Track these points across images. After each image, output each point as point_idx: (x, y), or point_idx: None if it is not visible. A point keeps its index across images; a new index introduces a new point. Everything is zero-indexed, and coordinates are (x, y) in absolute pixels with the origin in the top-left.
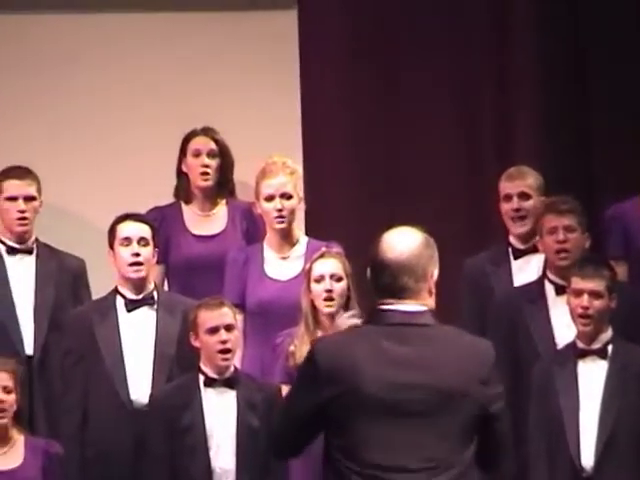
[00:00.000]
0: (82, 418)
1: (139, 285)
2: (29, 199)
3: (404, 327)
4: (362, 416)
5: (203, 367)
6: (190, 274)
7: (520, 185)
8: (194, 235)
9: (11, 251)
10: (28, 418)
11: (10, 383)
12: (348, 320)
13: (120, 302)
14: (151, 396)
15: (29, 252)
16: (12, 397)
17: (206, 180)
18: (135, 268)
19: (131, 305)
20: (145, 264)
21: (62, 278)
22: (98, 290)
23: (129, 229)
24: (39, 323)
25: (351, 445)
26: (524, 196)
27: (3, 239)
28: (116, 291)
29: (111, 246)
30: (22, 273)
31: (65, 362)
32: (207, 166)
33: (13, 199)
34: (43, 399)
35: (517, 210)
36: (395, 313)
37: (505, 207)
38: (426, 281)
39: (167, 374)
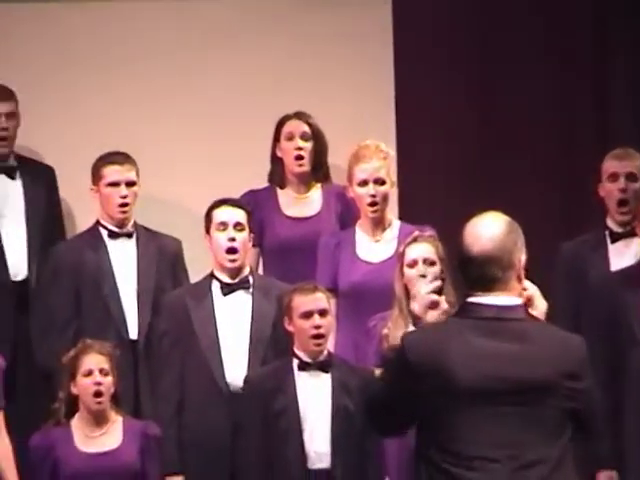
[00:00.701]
0: (179, 401)
1: (235, 269)
2: (130, 184)
3: (495, 321)
4: (454, 409)
5: (297, 351)
6: (285, 256)
7: (628, 165)
8: (288, 217)
9: (112, 235)
10: (134, 402)
11: (107, 366)
12: (427, 288)
13: (216, 286)
14: (246, 379)
15: (129, 236)
16: (109, 379)
17: (301, 165)
18: (231, 257)
19: (227, 289)
20: (241, 249)
21: (162, 260)
22: (194, 275)
23: (225, 214)
24: (142, 306)
25: (444, 438)
26: (631, 177)
27: (104, 223)
28: (212, 275)
29: (207, 231)
30: (124, 257)
31: (162, 345)
32: (301, 149)
33: (115, 185)
34: (147, 383)
35: (623, 190)
36: (486, 307)
37: (610, 187)
38: (513, 269)
39: (262, 357)
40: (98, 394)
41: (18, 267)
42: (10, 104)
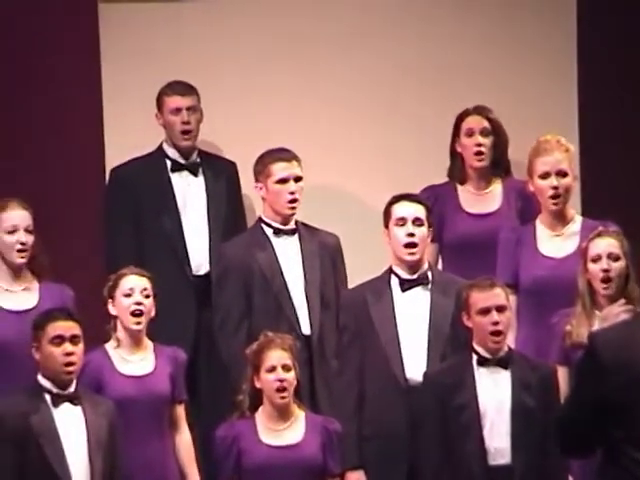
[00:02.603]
0: (359, 396)
1: (414, 265)
2: (297, 180)
3: None
4: None
5: (476, 347)
6: (464, 253)
7: None
8: (468, 213)
9: (277, 232)
10: (310, 397)
11: (289, 361)
12: (618, 310)
13: (395, 282)
14: (425, 375)
15: (292, 233)
16: (292, 375)
17: (480, 160)
18: (410, 251)
19: (406, 285)
20: (420, 244)
21: (324, 256)
22: (371, 270)
23: (404, 209)
24: (311, 302)
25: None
26: None
27: (268, 221)
28: (391, 271)
29: (386, 226)
30: (289, 254)
31: (341, 340)
32: (481, 145)
33: (284, 181)
34: (323, 377)
35: None
36: None
37: None
38: None
39: (441, 353)
40: (281, 390)
41: (200, 262)
42: (192, 98)
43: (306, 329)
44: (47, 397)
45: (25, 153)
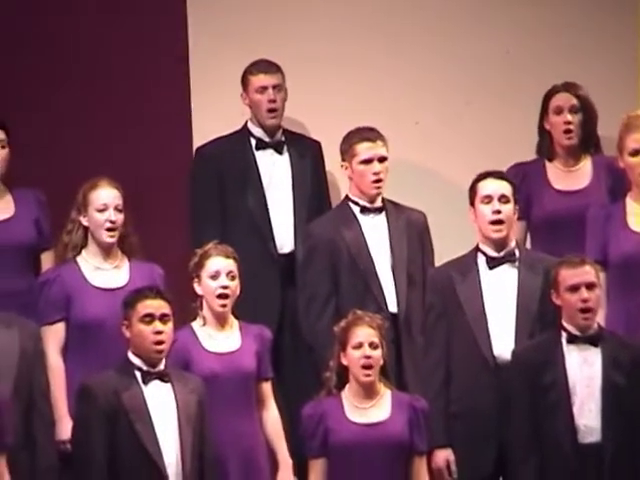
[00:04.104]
0: (445, 375)
1: (500, 242)
2: (382, 160)
3: None
4: None
5: (565, 324)
6: (552, 230)
7: None
8: (557, 190)
9: (364, 211)
10: (397, 375)
11: (376, 339)
12: None
13: (482, 260)
14: (513, 352)
15: (379, 210)
16: (378, 353)
17: (570, 138)
18: (496, 228)
19: (493, 263)
20: (506, 221)
21: (411, 233)
22: (459, 248)
23: (490, 187)
24: (398, 279)
25: None
26: None
27: (355, 199)
28: (477, 249)
29: (472, 204)
30: (376, 232)
31: (428, 318)
32: (570, 122)
33: (368, 162)
34: (410, 356)
35: None
36: None
37: None
38: None
39: (529, 331)
40: (367, 367)
41: (284, 240)
42: (277, 76)
43: (393, 307)
44: (137, 374)
45: (114, 133)
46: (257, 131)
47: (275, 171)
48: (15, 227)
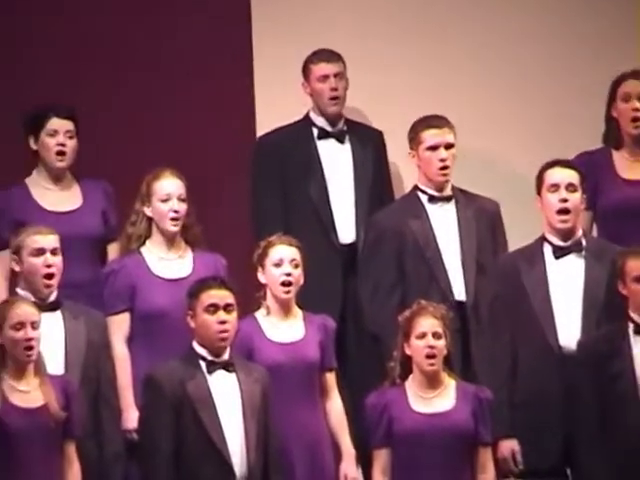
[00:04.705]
0: (511, 365)
1: (567, 232)
2: (449, 147)
3: None
4: None
5: (632, 315)
6: (619, 220)
7: None
8: (624, 179)
9: (432, 199)
10: (463, 364)
11: (440, 329)
12: None
13: (548, 249)
14: (579, 343)
15: (448, 199)
16: (442, 343)
17: (637, 127)
18: (562, 217)
19: (559, 252)
20: (573, 210)
21: (481, 222)
22: (529, 237)
23: (557, 175)
24: (467, 268)
25: None
26: None
27: (423, 188)
28: (543, 238)
29: (539, 192)
30: (444, 220)
31: (493, 308)
32: (638, 110)
33: (434, 148)
34: (478, 345)
35: None
36: None
37: None
38: None
39: (596, 321)
40: (431, 357)
41: (346, 230)
42: (338, 65)
43: (460, 296)
44: (202, 364)
45: (179, 125)
46: (319, 120)
47: (337, 160)
48: (83, 218)
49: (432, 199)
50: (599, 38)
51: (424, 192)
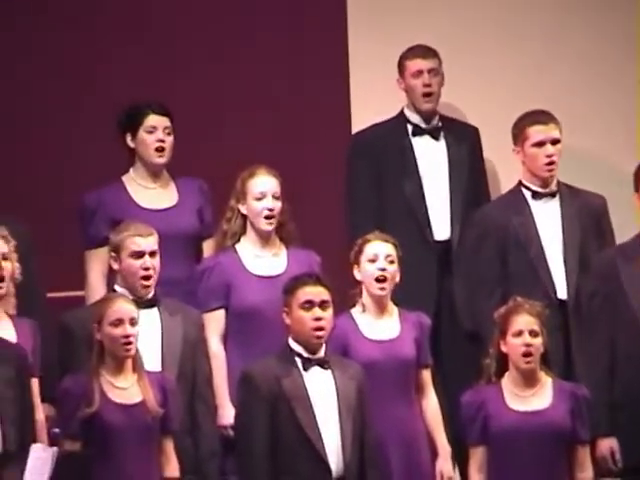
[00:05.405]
0: (610, 362)
1: None
2: (556, 142)
3: None
4: None
5: None
6: None
7: None
8: None
9: (536, 196)
10: (564, 362)
11: (537, 327)
12: None
13: None
14: None
15: (553, 195)
16: (539, 340)
17: None
18: None
19: None
20: None
21: (586, 218)
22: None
23: None
24: (569, 265)
25: None
26: None
27: (527, 184)
28: None
29: (637, 190)
30: (548, 217)
31: (591, 305)
32: None
33: (540, 144)
34: (579, 343)
35: None
36: None
37: None
38: None
39: None
40: (527, 355)
41: (441, 227)
42: (433, 61)
43: (562, 294)
44: (298, 361)
45: (273, 122)
46: (414, 117)
47: (432, 157)
48: (179, 216)
49: (536, 195)
50: None
51: (528, 188)
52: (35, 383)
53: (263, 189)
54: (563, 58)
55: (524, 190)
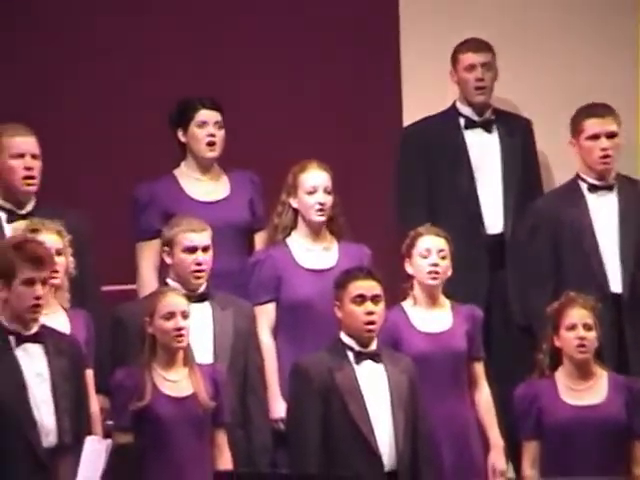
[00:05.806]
0: None
1: None
2: (612, 136)
3: None
4: None
5: None
6: None
7: None
8: None
9: (592, 189)
10: (618, 356)
11: (590, 320)
12: None
13: None
14: None
15: (609, 188)
16: (593, 334)
17: None
18: None
19: None
20: None
21: None
22: None
23: None
24: (625, 260)
25: None
26: None
27: (584, 177)
28: None
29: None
30: (604, 210)
31: None
32: None
33: (596, 137)
34: (633, 337)
35: None
36: None
37: None
38: None
39: None
40: (581, 346)
41: (493, 220)
42: (486, 55)
43: (616, 287)
44: (350, 354)
45: (324, 116)
46: (466, 110)
47: (484, 150)
48: (230, 208)
49: (592, 188)
50: None
51: (584, 181)
52: (89, 375)
53: (315, 183)
54: (620, 48)
55: (581, 183)
